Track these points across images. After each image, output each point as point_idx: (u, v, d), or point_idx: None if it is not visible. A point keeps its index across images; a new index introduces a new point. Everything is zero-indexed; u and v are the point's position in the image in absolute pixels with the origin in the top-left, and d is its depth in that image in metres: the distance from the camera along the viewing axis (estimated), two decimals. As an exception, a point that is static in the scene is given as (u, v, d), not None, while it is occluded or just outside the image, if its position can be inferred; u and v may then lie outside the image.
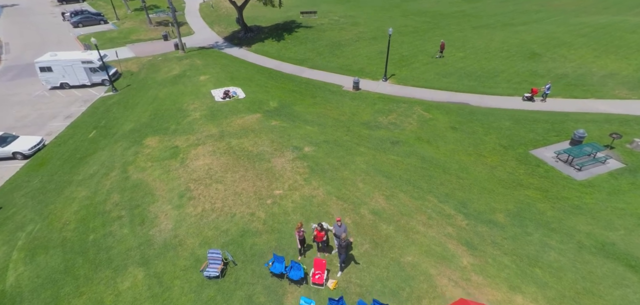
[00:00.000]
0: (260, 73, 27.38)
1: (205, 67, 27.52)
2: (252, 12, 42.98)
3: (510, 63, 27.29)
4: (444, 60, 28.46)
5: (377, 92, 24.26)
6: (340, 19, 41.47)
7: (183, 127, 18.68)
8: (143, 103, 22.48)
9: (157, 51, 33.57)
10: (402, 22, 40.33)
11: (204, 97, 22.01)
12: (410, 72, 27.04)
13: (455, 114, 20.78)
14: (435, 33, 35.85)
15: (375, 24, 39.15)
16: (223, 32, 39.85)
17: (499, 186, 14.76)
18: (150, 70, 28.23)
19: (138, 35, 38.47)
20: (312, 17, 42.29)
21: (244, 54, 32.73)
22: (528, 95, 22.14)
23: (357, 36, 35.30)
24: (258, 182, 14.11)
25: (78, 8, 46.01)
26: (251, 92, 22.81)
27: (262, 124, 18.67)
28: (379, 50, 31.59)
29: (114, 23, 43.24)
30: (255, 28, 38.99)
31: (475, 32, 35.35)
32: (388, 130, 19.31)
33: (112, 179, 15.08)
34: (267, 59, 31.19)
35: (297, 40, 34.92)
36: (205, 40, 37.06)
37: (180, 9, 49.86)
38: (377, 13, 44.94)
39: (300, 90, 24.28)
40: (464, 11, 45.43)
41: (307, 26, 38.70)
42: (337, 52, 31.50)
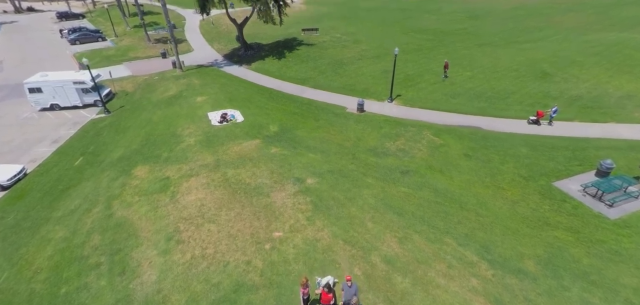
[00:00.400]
0: (260, 93, 26.26)
1: (202, 87, 26.41)
2: (253, 29, 42.38)
3: (520, 83, 26.18)
4: (452, 80, 27.38)
5: (383, 114, 23.02)
6: (342, 36, 40.77)
7: (176, 155, 17.33)
8: (135, 126, 21.21)
9: (155, 69, 32.61)
10: (404, 39, 39.59)
11: (200, 121, 20.75)
12: (416, 93, 25.89)
13: (468, 140, 19.45)
14: (440, 51, 34.98)
15: (377, 42, 38.40)
16: (223, 49, 39.07)
17: (524, 225, 13.27)
18: (146, 90, 27.12)
19: (136, 52, 37.65)
20: (314, 35, 41.63)
21: (243, 72, 31.74)
22: (533, 118, 20.99)
23: (359, 54, 34.42)
24: (255, 222, 12.64)
25: (77, 25, 45.45)
26: (250, 115, 21.57)
27: (262, 151, 17.33)
28: (382, 69, 30.60)
29: (112, 40, 42.56)
30: (256, 45, 38.22)
31: (480, 51, 34.48)
32: (397, 157, 17.94)
33: (94, 216, 13.61)
34: (267, 78, 30.15)
35: (298, 59, 34.02)
36: (204, 58, 36.19)
37: (180, 25, 49.43)
38: (378, 30, 44.35)
39: (302, 113, 23.06)
40: (465, 29, 44.87)
41: (308, 44, 37.92)
42: (340, 71, 30.49)
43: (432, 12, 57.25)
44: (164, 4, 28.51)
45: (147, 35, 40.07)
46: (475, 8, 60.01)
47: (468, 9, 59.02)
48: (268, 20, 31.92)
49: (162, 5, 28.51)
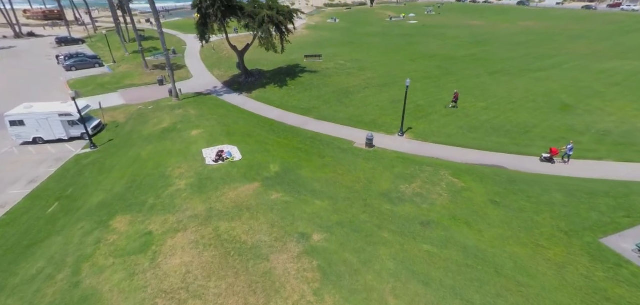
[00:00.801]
0: (261, 126, 24.41)
1: (199, 119, 24.62)
2: (254, 55, 41.26)
3: (540, 116, 24.36)
4: (466, 111, 25.59)
5: (395, 150, 21.03)
6: (347, 63, 39.57)
7: (163, 202, 15.18)
8: (122, 165, 19.18)
9: (150, 98, 31.03)
10: (411, 66, 38.33)
11: (193, 159, 18.74)
12: (428, 125, 24.01)
13: (492, 182, 17.32)
14: (449, 79, 33.53)
15: (384, 69, 37.08)
16: (223, 76, 37.74)
17: (579, 301, 10.89)
18: (138, 122, 25.32)
19: (132, 79, 36.30)
20: (317, 61, 40.47)
21: (243, 101, 30.10)
22: (547, 155, 19.06)
23: (365, 82, 32.93)
24: (251, 298, 10.32)
25: (74, 51, 44.52)
26: (249, 152, 19.58)
27: (261, 197, 15.19)
28: (390, 98, 28.96)
29: (109, 66, 41.42)
30: (257, 72, 36.90)
31: (493, 79, 33.00)
32: (414, 204, 15.75)
33: (56, 287, 11.30)
34: (268, 108, 28.44)
35: (301, 87, 32.51)
36: (203, 85, 34.76)
37: (181, 51, 48.58)
38: (383, 57, 43.28)
39: (306, 148, 21.08)
40: (474, 55, 43.81)
41: (311, 71, 36.59)
42: (346, 101, 28.81)
43: (436, 37, 56.70)
44: (161, 32, 27.26)
45: (145, 62, 38.91)
46: (480, 33, 59.59)
47: (473, 35, 58.57)
48: (270, 47, 30.63)
49: (159, 33, 27.25)
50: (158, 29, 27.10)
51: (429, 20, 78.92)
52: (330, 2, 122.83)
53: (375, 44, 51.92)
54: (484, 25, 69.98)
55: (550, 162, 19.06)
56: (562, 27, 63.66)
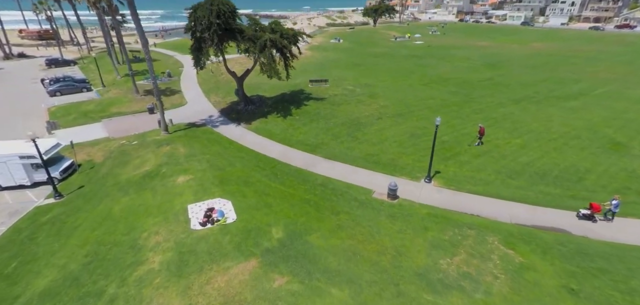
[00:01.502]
0: (261, 167, 20.71)
1: (188, 159, 20.98)
2: (254, 78, 38.03)
3: (591, 157, 20.70)
4: (501, 150, 21.95)
5: (424, 203, 17.25)
6: (355, 88, 36.33)
7: (127, 293, 11.29)
8: (86, 225, 15.36)
9: (137, 129, 27.53)
10: (426, 92, 35.04)
11: (175, 220, 14.95)
12: (459, 168, 20.31)
13: (559, 256, 13.43)
14: (472, 108, 30.12)
15: (396, 96, 33.76)
16: (220, 102, 34.41)
17: None
18: (117, 162, 21.65)
19: (120, 106, 32.94)
20: (323, 87, 37.27)
21: (242, 134, 26.56)
22: (585, 212, 15.54)
23: (378, 112, 29.48)
24: None
25: (62, 74, 41.47)
26: (246, 209, 15.82)
27: (259, 286, 11.33)
28: (408, 131, 25.42)
29: (98, 91, 38.24)
30: (257, 99, 33.58)
31: (520, 108, 29.57)
32: (464, 292, 11.83)
33: None
34: (270, 142, 24.86)
35: (307, 116, 29.05)
36: (198, 113, 31.35)
37: (177, 73, 45.61)
38: (394, 81, 40.13)
39: (316, 201, 17.29)
40: (491, 79, 40.70)
41: (318, 98, 33.26)
42: (358, 135, 25.25)
43: (445, 59, 53.95)
44: (149, 58, 24.01)
45: (136, 87, 35.69)
46: (491, 55, 56.94)
47: (483, 56, 55.88)
48: (272, 74, 27.36)
49: (147, 59, 24.00)
50: (146, 55, 23.87)
51: (435, 41, 76.83)
52: (332, 22, 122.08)
53: (383, 66, 49.02)
54: (493, 46, 67.64)
55: (590, 220, 15.49)
56: (575, 49, 61.19)
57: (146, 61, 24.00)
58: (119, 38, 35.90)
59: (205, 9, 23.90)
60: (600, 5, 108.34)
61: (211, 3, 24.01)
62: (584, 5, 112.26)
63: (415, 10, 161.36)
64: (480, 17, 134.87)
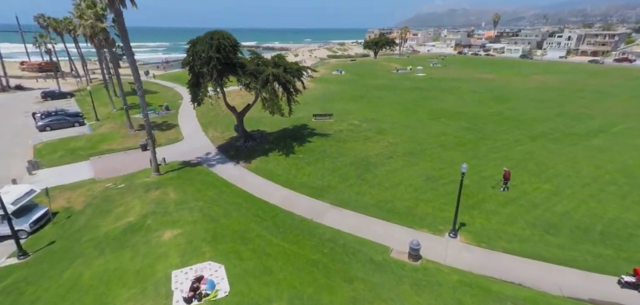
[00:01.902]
0: (261, 218, 18.21)
1: (178, 208, 18.53)
2: (255, 112, 36.26)
3: (636, 207, 18.29)
4: (530, 197, 19.58)
5: (452, 265, 14.61)
6: (362, 123, 34.55)
7: None
8: (46, 299, 12.64)
9: (126, 168, 25.31)
10: (436, 128, 33.20)
11: (155, 294, 12.27)
12: (486, 220, 17.82)
13: (633, 346, 10.67)
14: (487, 145, 28.10)
15: (406, 132, 31.86)
16: (219, 138, 32.45)
17: None
18: (99, 210, 19.18)
19: (111, 142, 30.94)
20: (327, 121, 35.52)
21: (240, 174, 24.28)
22: (629, 279, 13.12)
23: (388, 150, 27.41)
24: None
25: (55, 108, 39.92)
26: (241, 276, 13.18)
27: None
28: (423, 173, 23.15)
29: (90, 125, 36.47)
30: (258, 135, 31.64)
31: (540, 147, 27.54)
32: None
33: None
34: (271, 185, 22.54)
35: (311, 155, 26.93)
36: (194, 150, 29.27)
37: (175, 106, 44.20)
38: (401, 115, 38.52)
39: (325, 262, 14.66)
40: (500, 113, 39.13)
41: (322, 134, 31.34)
42: (368, 177, 22.96)
43: (450, 92, 52.94)
44: (141, 92, 22.25)
45: (130, 121, 33.89)
46: (496, 88, 56.10)
47: (489, 89, 54.99)
48: (275, 111, 25.54)
49: (140, 95, 22.24)
50: (138, 89, 22.15)
51: (437, 73, 76.84)
52: (333, 54, 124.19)
53: (388, 99, 47.78)
54: (496, 79, 67.27)
55: (635, 288, 12.87)
56: (581, 82, 60.60)
57: (138, 96, 22.19)
58: (116, 70, 34.55)
59: (205, 43, 22.51)
60: (597, 39, 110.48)
61: (211, 37, 22.67)
62: (580, 39, 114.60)
63: (414, 43, 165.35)
64: (478, 50, 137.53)
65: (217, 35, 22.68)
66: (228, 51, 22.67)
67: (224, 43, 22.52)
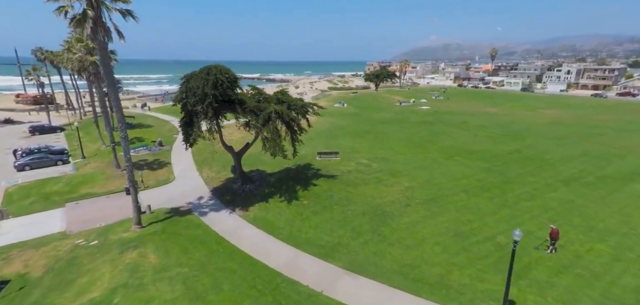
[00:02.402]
0: (258, 291, 14.64)
1: (156, 278, 15.00)
2: (254, 148, 33.54)
3: None
4: (587, 263, 16.13)
5: None
6: (371, 163, 31.61)
7: None
8: None
9: (104, 218, 21.93)
10: (454, 169, 30.21)
11: None
12: (541, 296, 14.25)
13: None
14: (515, 191, 24.95)
15: (421, 174, 28.80)
16: (214, 178, 29.31)
17: None
18: (59, 280, 15.59)
19: (93, 185, 27.73)
20: (333, 160, 32.60)
21: (236, 226, 20.89)
22: None
23: (404, 196, 24.21)
24: None
25: (38, 144, 37.07)
26: None
27: None
28: (450, 227, 19.79)
29: (75, 164, 33.42)
30: (257, 176, 28.55)
31: (576, 194, 24.40)
32: None
33: None
34: (272, 241, 19.11)
35: (317, 201, 23.69)
36: (185, 193, 26.04)
37: (169, 142, 41.44)
38: (412, 153, 35.70)
39: (343, 366, 10.97)
40: (519, 151, 36.37)
41: (329, 175, 28.27)
42: (385, 231, 19.58)
43: (459, 127, 50.64)
44: (124, 136, 19.40)
45: (117, 160, 30.87)
46: (506, 123, 53.94)
47: (499, 124, 52.77)
48: (277, 152, 22.60)
49: (122, 138, 19.39)
50: (120, 126, 19.34)
51: (441, 106, 75.36)
52: (334, 86, 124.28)
53: (395, 135, 45.28)
54: (504, 113, 65.51)
55: None
56: (593, 118, 58.66)
57: (121, 137, 19.34)
58: (101, 104, 32.05)
59: (200, 79, 20.07)
60: (597, 74, 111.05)
61: (207, 72, 20.28)
62: (579, 73, 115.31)
63: (413, 76, 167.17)
64: (478, 83, 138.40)
65: (214, 70, 20.30)
66: (226, 87, 20.15)
67: (222, 78, 20.07)
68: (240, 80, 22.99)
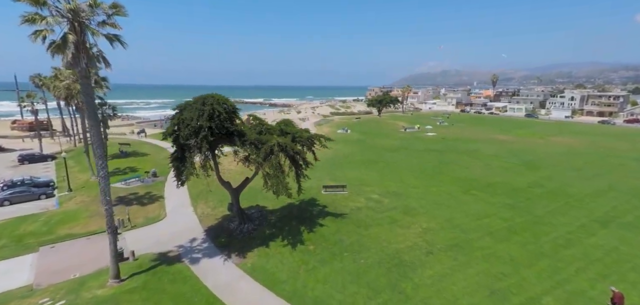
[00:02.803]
0: None
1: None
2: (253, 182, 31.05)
3: None
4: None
5: None
6: (382, 198, 28.88)
7: None
8: None
9: (80, 267, 19.03)
10: (474, 206, 27.41)
11: None
12: None
13: None
14: (550, 236, 22.02)
15: (439, 212, 25.97)
16: (209, 216, 26.56)
17: None
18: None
19: (75, 223, 24.97)
20: (341, 194, 29.91)
21: (231, 278, 17.94)
22: None
23: (425, 241, 21.29)
24: None
25: (22, 176, 34.55)
26: None
27: None
28: (483, 282, 16.80)
29: (59, 198, 30.77)
30: (257, 214, 25.81)
31: (618, 239, 21.48)
32: None
33: None
34: (272, 298, 16.13)
35: (325, 246, 20.79)
36: (175, 234, 23.22)
37: (164, 172, 38.84)
38: (424, 185, 33.01)
39: None
40: (540, 184, 33.67)
41: (336, 214, 25.50)
42: (407, 287, 16.57)
43: (469, 155, 48.20)
44: (105, 175, 16.95)
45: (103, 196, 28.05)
46: (518, 151, 51.53)
47: (512, 152, 50.33)
48: (280, 191, 19.97)
49: (102, 178, 16.93)
50: (100, 172, 16.89)
51: (447, 132, 73.39)
52: (336, 111, 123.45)
53: (404, 163, 42.81)
54: (513, 140, 63.28)
55: None
56: (608, 146, 56.27)
57: (100, 177, 16.88)
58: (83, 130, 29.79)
59: (195, 109, 17.89)
60: (601, 100, 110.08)
61: (203, 102, 18.14)
62: (583, 100, 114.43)
63: (415, 101, 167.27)
64: (480, 108, 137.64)
65: (210, 99, 18.15)
66: (223, 119, 17.89)
67: (219, 109, 17.87)
68: (240, 111, 20.86)
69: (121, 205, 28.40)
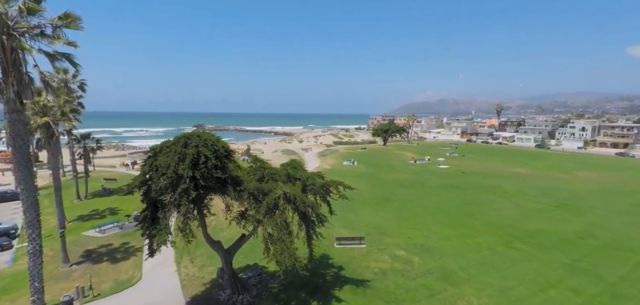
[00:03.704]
0: None
1: None
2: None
3: None
4: None
5: None
6: (411, 256, 23.45)
7: None
8: None
9: None
10: (527, 267, 21.99)
11: None
12: None
13: None
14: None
15: (487, 278, 20.50)
16: (195, 278, 21.16)
17: None
18: None
19: (23, 291, 19.45)
20: (358, 249, 24.53)
21: None
22: None
23: (480, 328, 15.78)
24: None
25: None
26: None
27: None
28: None
29: (16, 249, 25.37)
30: (255, 278, 20.39)
31: None
32: None
33: None
34: None
35: (345, 337, 15.23)
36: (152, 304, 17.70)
37: (149, 215, 33.54)
38: (456, 235, 27.69)
39: None
40: (592, 234, 28.44)
41: (356, 280, 20.04)
42: None
43: (494, 193, 43.06)
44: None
45: (65, 252, 22.71)
46: (546, 188, 46.41)
47: (540, 189, 45.24)
48: (286, 261, 14.76)
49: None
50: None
51: (462, 165, 68.59)
52: (339, 140, 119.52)
53: (422, 203, 37.68)
54: (536, 175, 58.37)
55: None
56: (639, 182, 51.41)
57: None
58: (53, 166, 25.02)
59: (174, 154, 13.12)
60: (615, 131, 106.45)
61: (185, 143, 13.44)
62: (595, 130, 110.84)
63: (419, 130, 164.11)
64: (487, 138, 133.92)
65: (196, 139, 13.43)
66: (210, 167, 13.07)
67: (206, 153, 13.08)
68: (236, 155, 16.14)
69: (87, 263, 23.03)
